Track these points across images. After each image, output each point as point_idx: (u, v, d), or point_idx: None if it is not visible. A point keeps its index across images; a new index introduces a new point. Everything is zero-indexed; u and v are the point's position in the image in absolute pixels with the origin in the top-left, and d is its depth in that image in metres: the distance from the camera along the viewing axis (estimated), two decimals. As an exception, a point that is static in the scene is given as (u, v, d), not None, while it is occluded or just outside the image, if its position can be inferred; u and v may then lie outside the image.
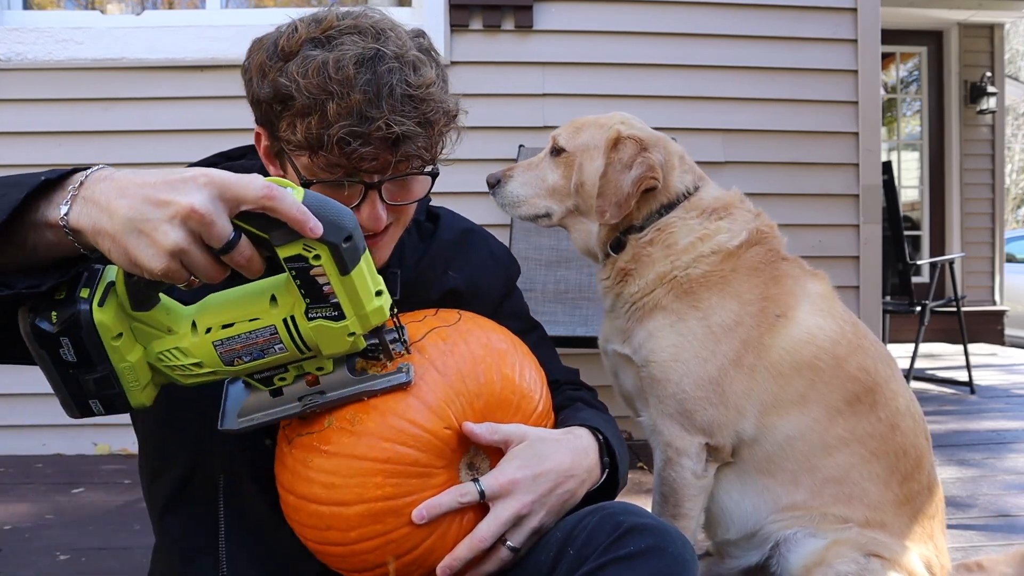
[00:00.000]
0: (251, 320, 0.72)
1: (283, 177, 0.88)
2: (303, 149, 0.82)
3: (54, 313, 0.66)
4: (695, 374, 1.29)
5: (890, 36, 5.21)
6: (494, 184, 1.49)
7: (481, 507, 0.80)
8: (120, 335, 0.69)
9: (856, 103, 3.12)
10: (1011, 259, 7.29)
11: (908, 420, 1.31)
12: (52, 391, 0.72)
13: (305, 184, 0.83)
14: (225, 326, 0.72)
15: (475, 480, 0.80)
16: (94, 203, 0.62)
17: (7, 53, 2.78)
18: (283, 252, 0.66)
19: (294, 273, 0.68)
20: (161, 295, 0.73)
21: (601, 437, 0.92)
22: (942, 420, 3.35)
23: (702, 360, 1.29)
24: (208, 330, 0.72)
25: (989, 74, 6.18)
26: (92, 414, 0.73)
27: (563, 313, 2.68)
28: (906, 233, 4.51)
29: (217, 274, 0.65)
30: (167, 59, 2.83)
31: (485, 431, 0.80)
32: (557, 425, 0.94)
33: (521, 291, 1.20)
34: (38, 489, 2.38)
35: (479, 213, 2.51)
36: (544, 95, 2.99)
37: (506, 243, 2.77)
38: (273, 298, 0.72)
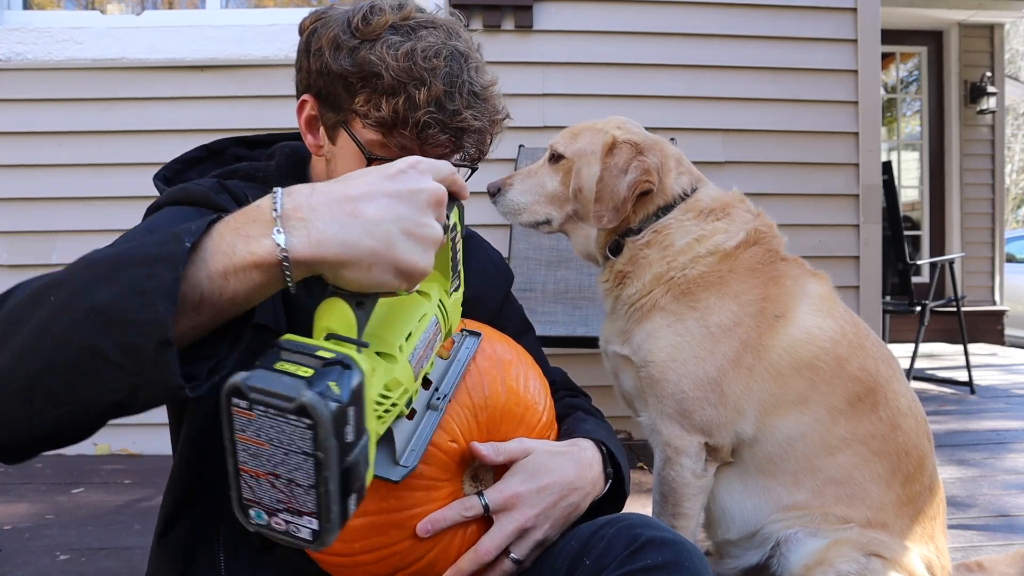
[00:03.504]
0: (420, 320, 0.69)
1: (332, 146, 0.91)
2: (382, 126, 0.85)
3: (333, 384, 0.52)
4: (693, 374, 1.29)
5: (890, 36, 5.21)
6: (495, 192, 1.50)
7: (485, 520, 0.80)
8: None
9: (856, 103, 3.12)
10: (1011, 259, 7.29)
11: (910, 420, 1.31)
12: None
13: (370, 158, 0.87)
14: (407, 337, 0.67)
15: (479, 493, 0.80)
16: (327, 221, 0.54)
17: (7, 53, 2.78)
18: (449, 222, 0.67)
19: (451, 244, 0.70)
20: None
21: (605, 449, 0.93)
22: (942, 420, 3.36)
23: (700, 360, 1.30)
24: (400, 348, 0.65)
25: (989, 74, 6.18)
26: (345, 519, 0.55)
27: (563, 313, 2.68)
28: (906, 233, 4.51)
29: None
30: (167, 59, 2.83)
31: (491, 452, 0.80)
32: (560, 435, 0.94)
33: (514, 295, 1.21)
34: (38, 489, 2.38)
35: (479, 213, 2.52)
36: (544, 95, 2.99)
37: (506, 244, 2.77)
38: (419, 291, 0.71)
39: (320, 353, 0.54)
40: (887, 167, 3.87)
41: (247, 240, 0.54)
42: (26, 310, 0.54)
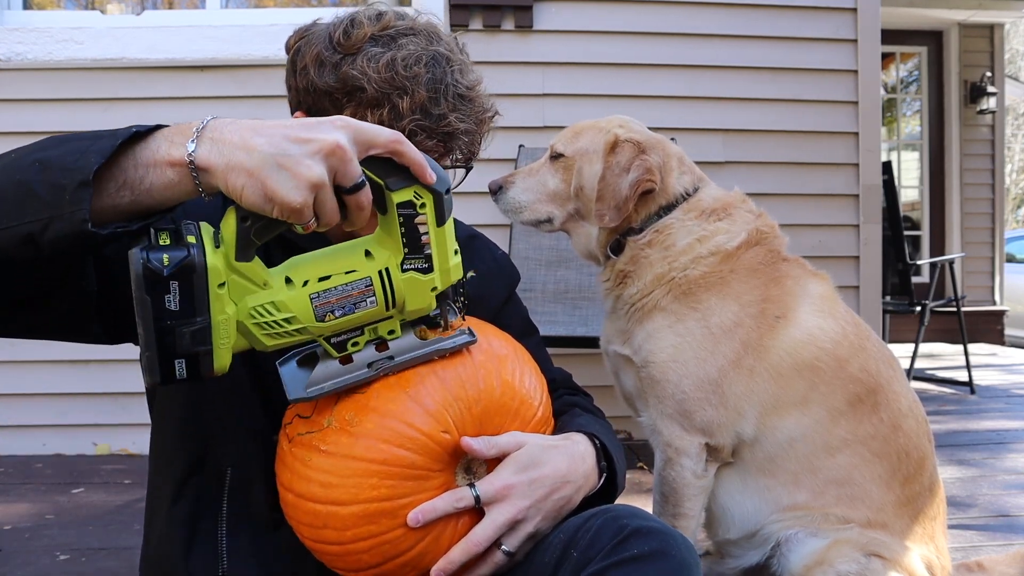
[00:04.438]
0: (348, 272, 0.73)
1: None
2: None
3: (165, 256, 0.64)
4: (694, 375, 1.29)
5: (890, 36, 5.21)
6: (496, 190, 1.51)
7: (477, 511, 0.80)
8: (223, 284, 0.68)
9: (856, 103, 3.12)
10: (1011, 259, 7.29)
11: (911, 421, 1.31)
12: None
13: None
14: (322, 279, 0.72)
15: (471, 485, 0.80)
16: (226, 143, 0.64)
17: (7, 53, 2.78)
18: (397, 197, 0.71)
19: (401, 220, 0.72)
20: None
21: (598, 442, 0.93)
22: (942, 420, 3.36)
23: (701, 361, 1.30)
24: (305, 283, 0.72)
25: (989, 74, 6.18)
26: (172, 379, 0.68)
27: (563, 313, 2.68)
28: (906, 233, 4.52)
29: (336, 217, 0.67)
30: (167, 59, 2.83)
31: (483, 446, 0.81)
32: (556, 430, 0.95)
33: (519, 297, 1.21)
34: (38, 489, 2.38)
35: (479, 213, 2.53)
36: (544, 95, 2.99)
37: (506, 244, 2.77)
38: (367, 252, 0.75)
39: (188, 237, 0.66)
40: (887, 167, 3.87)
41: (170, 144, 0.64)
42: None
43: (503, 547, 0.80)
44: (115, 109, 2.85)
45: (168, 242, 0.65)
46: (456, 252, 0.78)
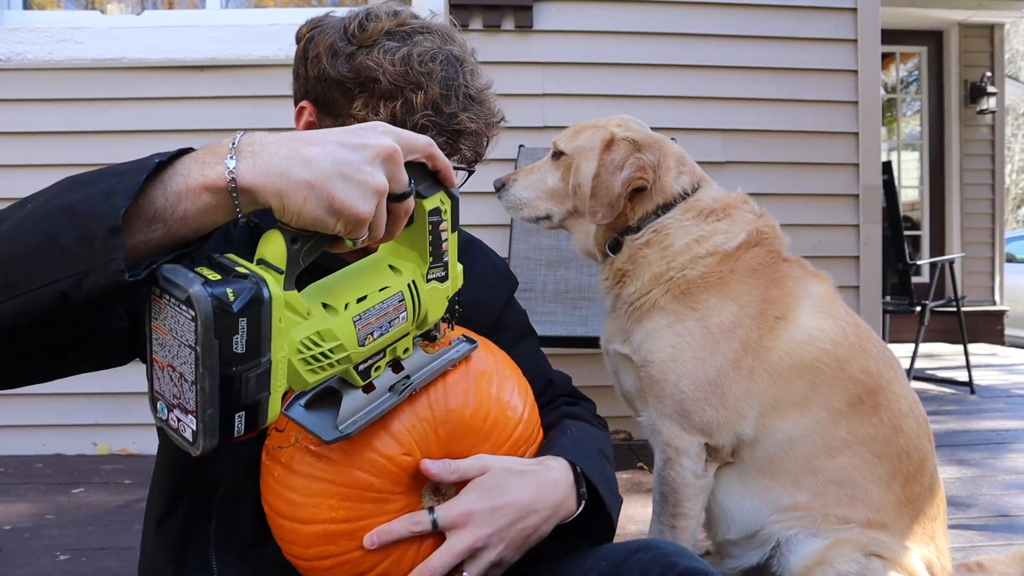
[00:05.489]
0: (381, 290, 0.70)
1: None
2: None
3: (230, 290, 0.55)
4: (693, 375, 1.29)
5: (890, 36, 5.21)
6: (499, 188, 1.54)
7: (442, 535, 0.79)
8: (279, 320, 0.60)
9: (856, 103, 3.12)
10: (1011, 259, 7.29)
11: (911, 422, 1.31)
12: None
13: None
14: (360, 300, 0.68)
15: (431, 509, 0.78)
16: (273, 156, 0.59)
17: (7, 53, 2.78)
18: (428, 204, 0.69)
19: (431, 227, 0.71)
20: None
21: (578, 469, 0.87)
22: (942, 420, 3.36)
23: (700, 361, 1.30)
24: (346, 306, 0.67)
25: (989, 74, 6.18)
26: (230, 437, 0.58)
27: (563, 313, 2.68)
28: (906, 233, 4.51)
29: (384, 228, 0.64)
30: (167, 59, 2.83)
31: (442, 470, 0.78)
32: (541, 449, 0.91)
33: (518, 300, 1.21)
34: (38, 489, 2.38)
35: (479, 213, 2.53)
36: (544, 95, 2.99)
37: (506, 244, 2.77)
38: (391, 267, 0.72)
39: (238, 268, 0.58)
40: (887, 167, 3.87)
41: (202, 166, 0.58)
42: (8, 212, 0.61)
43: (465, 573, 0.78)
44: (115, 109, 2.85)
45: (217, 275, 0.57)
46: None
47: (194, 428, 0.56)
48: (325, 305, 0.67)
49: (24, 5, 3.00)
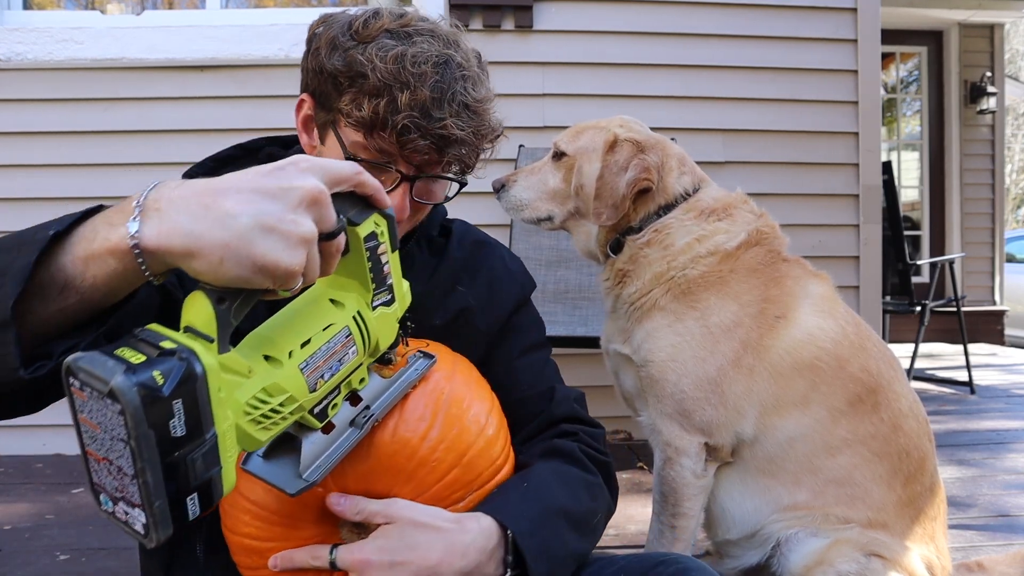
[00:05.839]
0: (325, 328, 0.65)
1: (321, 147, 0.92)
2: (362, 126, 0.84)
3: (156, 373, 0.50)
4: (693, 374, 1.29)
5: (890, 36, 5.21)
6: (499, 189, 1.52)
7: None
8: (219, 389, 0.55)
9: (856, 103, 3.12)
10: (1011, 259, 7.29)
11: (911, 421, 1.31)
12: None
13: (348, 159, 0.86)
14: (304, 344, 0.63)
15: (335, 546, 0.76)
16: (181, 213, 0.53)
17: (7, 53, 2.78)
18: (362, 231, 0.65)
19: (368, 254, 0.67)
20: None
21: (509, 534, 0.79)
22: (942, 420, 3.36)
23: (700, 360, 1.30)
24: (290, 354, 0.62)
25: (989, 74, 6.18)
26: (185, 521, 0.54)
27: (563, 313, 2.68)
28: (906, 233, 4.51)
29: (318, 270, 0.60)
30: (167, 59, 2.83)
31: (347, 508, 0.75)
32: (488, 496, 0.84)
33: (534, 306, 1.13)
34: (38, 489, 2.38)
35: (479, 213, 2.52)
36: (544, 95, 2.99)
37: (506, 244, 2.77)
38: (332, 301, 0.68)
39: (164, 343, 0.53)
40: (887, 167, 3.87)
41: (108, 228, 0.55)
42: None
43: None
44: (115, 109, 2.85)
45: (140, 355, 0.51)
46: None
47: (144, 521, 0.52)
48: (267, 357, 0.62)
49: (24, 5, 3.00)
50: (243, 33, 2.85)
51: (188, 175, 0.96)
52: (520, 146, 2.88)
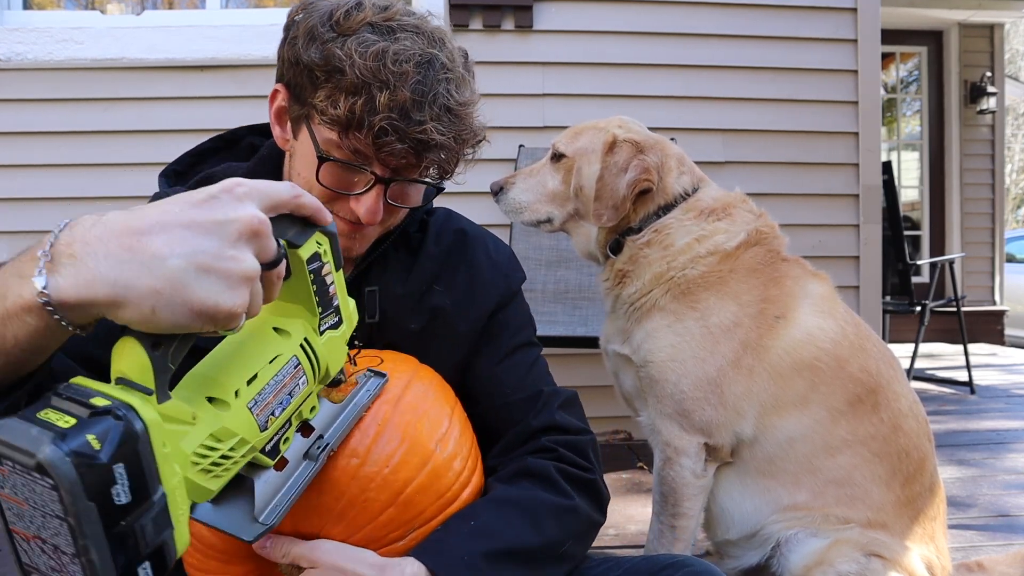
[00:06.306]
0: (272, 361, 0.61)
1: (294, 141, 0.88)
2: (337, 125, 0.80)
3: (91, 437, 0.44)
4: (693, 374, 1.29)
5: (890, 36, 5.21)
6: (497, 191, 1.52)
7: None
8: (163, 444, 0.50)
9: (856, 103, 3.12)
10: (1011, 259, 7.28)
11: (911, 421, 1.31)
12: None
13: (320, 158, 0.82)
14: (250, 381, 0.59)
15: None
16: (100, 258, 0.47)
17: (7, 53, 2.78)
18: (304, 252, 0.61)
19: (312, 276, 0.62)
20: None
21: None
22: (942, 420, 3.35)
23: (700, 360, 1.30)
24: (237, 393, 0.58)
25: (989, 74, 6.18)
26: None
27: (563, 313, 2.68)
28: (906, 233, 4.51)
29: (260, 305, 0.55)
30: (167, 59, 2.83)
31: (274, 551, 0.72)
32: (433, 532, 0.79)
33: (524, 300, 1.06)
34: (38, 489, 2.38)
35: (479, 213, 2.50)
36: (544, 95, 2.99)
37: (506, 244, 2.77)
38: (276, 329, 0.63)
39: (94, 400, 0.46)
40: (887, 167, 3.87)
41: (20, 281, 0.48)
42: None
43: None
44: (115, 109, 2.85)
45: (70, 418, 0.45)
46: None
47: None
48: (211, 399, 0.57)
49: (24, 5, 3.00)
50: (243, 33, 2.84)
51: (165, 174, 0.94)
52: (520, 146, 2.88)
